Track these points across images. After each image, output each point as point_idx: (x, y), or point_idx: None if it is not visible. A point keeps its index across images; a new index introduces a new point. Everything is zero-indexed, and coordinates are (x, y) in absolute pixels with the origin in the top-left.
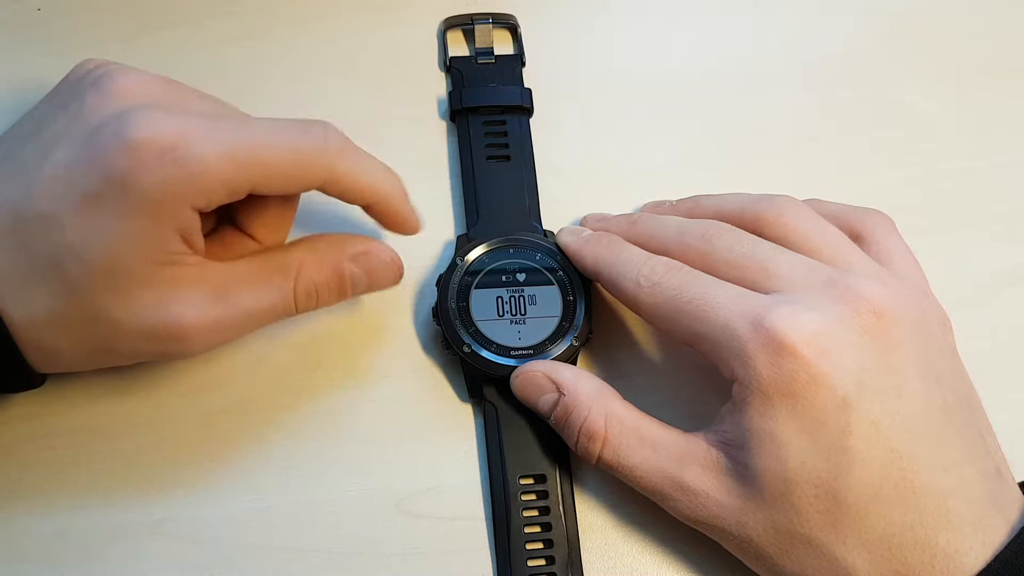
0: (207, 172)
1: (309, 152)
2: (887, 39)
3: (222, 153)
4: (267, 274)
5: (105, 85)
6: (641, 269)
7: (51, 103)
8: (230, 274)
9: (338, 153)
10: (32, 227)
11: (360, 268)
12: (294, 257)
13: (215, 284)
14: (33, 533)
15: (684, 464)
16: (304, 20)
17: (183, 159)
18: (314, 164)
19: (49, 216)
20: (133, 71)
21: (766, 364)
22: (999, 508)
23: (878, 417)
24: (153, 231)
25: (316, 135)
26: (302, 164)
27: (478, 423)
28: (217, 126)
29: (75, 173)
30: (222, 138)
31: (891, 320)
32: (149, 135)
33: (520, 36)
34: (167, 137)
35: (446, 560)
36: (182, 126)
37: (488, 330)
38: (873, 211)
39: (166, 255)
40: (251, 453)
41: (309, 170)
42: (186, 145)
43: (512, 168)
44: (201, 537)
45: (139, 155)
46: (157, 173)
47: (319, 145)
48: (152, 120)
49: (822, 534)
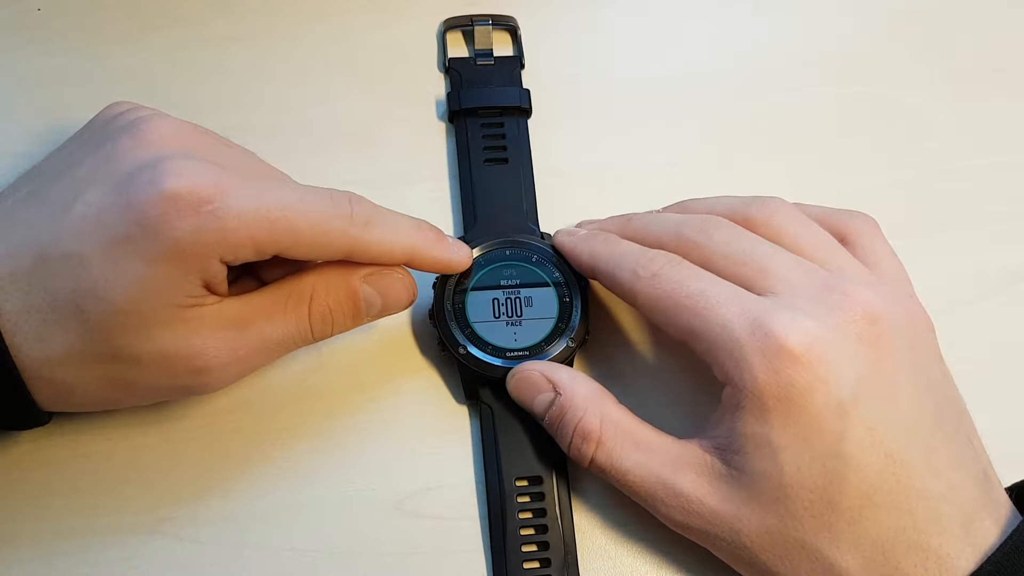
0: (240, 229)
1: (336, 222)
2: (887, 39)
3: (255, 212)
4: (282, 302)
5: (140, 129)
6: (639, 260)
7: (81, 143)
8: (246, 306)
9: (365, 226)
10: (55, 266)
11: (372, 288)
12: (307, 283)
13: (233, 318)
14: (33, 533)
15: (678, 469)
16: (304, 20)
17: (218, 212)
18: (342, 234)
19: (74, 256)
20: (167, 118)
21: (763, 368)
22: (988, 511)
23: (873, 423)
24: (178, 279)
25: (342, 207)
26: (330, 233)
27: (474, 425)
28: (252, 184)
29: (106, 215)
30: (256, 196)
31: (884, 327)
32: (187, 185)
33: (520, 38)
34: (204, 189)
35: (444, 561)
36: (219, 180)
37: (484, 332)
38: (858, 213)
39: (188, 299)
40: (251, 453)
41: (336, 239)
42: (222, 199)
43: (510, 170)
44: (201, 537)
45: (175, 204)
46: (191, 223)
47: (345, 216)
48: (190, 170)
49: (816, 538)
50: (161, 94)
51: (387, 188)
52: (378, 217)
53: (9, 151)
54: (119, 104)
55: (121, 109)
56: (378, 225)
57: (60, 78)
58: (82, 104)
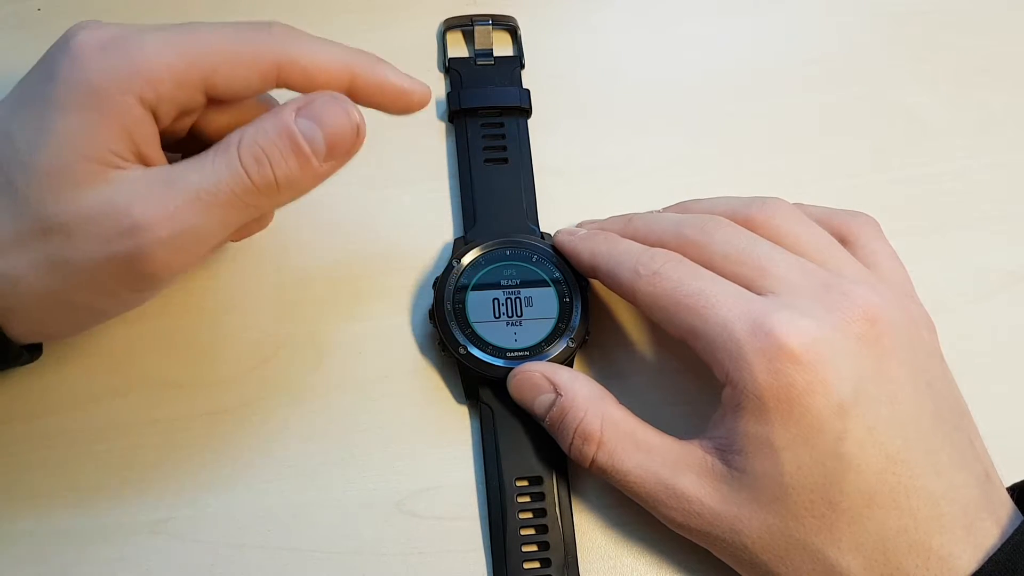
0: (152, 57)
1: (256, 36)
2: (887, 39)
3: (165, 41)
4: (210, 153)
5: (68, 41)
6: (640, 258)
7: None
8: (176, 166)
9: (285, 33)
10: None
11: (307, 118)
12: (236, 131)
13: (160, 176)
14: (33, 533)
15: (679, 470)
16: (304, 20)
17: (125, 48)
18: (266, 48)
19: (1, 133)
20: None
21: (763, 368)
22: (990, 511)
23: (873, 423)
24: (97, 124)
25: (260, 26)
26: (253, 49)
27: (474, 425)
28: (161, 27)
29: (24, 88)
30: (164, 32)
31: (884, 327)
32: (90, 33)
33: (520, 38)
34: (109, 32)
35: (444, 561)
36: (125, 27)
37: (484, 332)
38: (859, 214)
39: (111, 155)
40: (251, 453)
41: (261, 54)
42: (126, 37)
43: (510, 170)
44: (201, 537)
45: (81, 50)
46: (98, 62)
47: (264, 30)
48: (95, 25)
49: (817, 538)
50: None
51: (387, 188)
52: (304, 32)
53: None
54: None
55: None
56: (303, 38)
57: None
58: None
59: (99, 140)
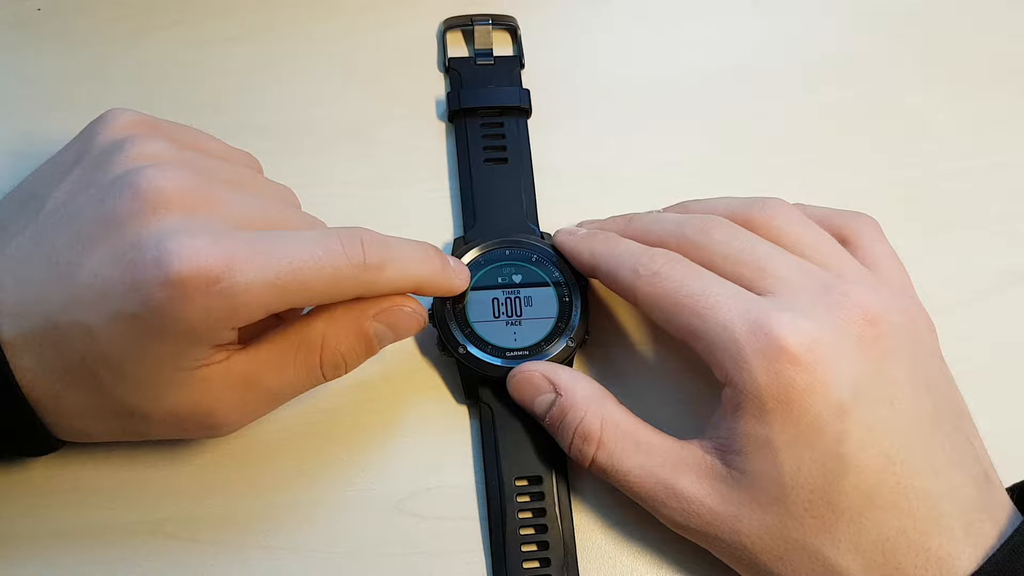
0: (250, 301)
1: (348, 271)
2: (887, 39)
3: (265, 282)
4: (291, 354)
5: (140, 188)
6: (640, 258)
7: (80, 174)
8: (255, 362)
9: (377, 269)
10: (65, 332)
11: (383, 323)
12: (316, 331)
13: (243, 375)
14: (33, 533)
15: (678, 470)
16: (304, 20)
17: (227, 291)
18: (355, 282)
19: (83, 325)
20: (164, 169)
21: (763, 369)
22: (989, 512)
23: (872, 424)
24: (189, 350)
25: (355, 255)
26: (343, 283)
27: (474, 425)
28: (258, 245)
29: (111, 291)
30: (265, 263)
31: (884, 328)
32: (193, 268)
33: (520, 38)
34: (212, 270)
35: (444, 561)
36: (224, 252)
37: (484, 331)
38: (859, 215)
39: (197, 362)
40: (251, 453)
41: (349, 287)
42: (230, 276)
43: (509, 170)
44: (201, 537)
45: (183, 289)
46: (200, 304)
47: (358, 262)
48: (194, 250)
49: (816, 539)
50: (161, 94)
51: (387, 188)
52: (389, 257)
53: (8, 151)
54: (115, 119)
55: (117, 134)
56: (389, 265)
57: (60, 78)
58: (82, 104)
59: (189, 359)
